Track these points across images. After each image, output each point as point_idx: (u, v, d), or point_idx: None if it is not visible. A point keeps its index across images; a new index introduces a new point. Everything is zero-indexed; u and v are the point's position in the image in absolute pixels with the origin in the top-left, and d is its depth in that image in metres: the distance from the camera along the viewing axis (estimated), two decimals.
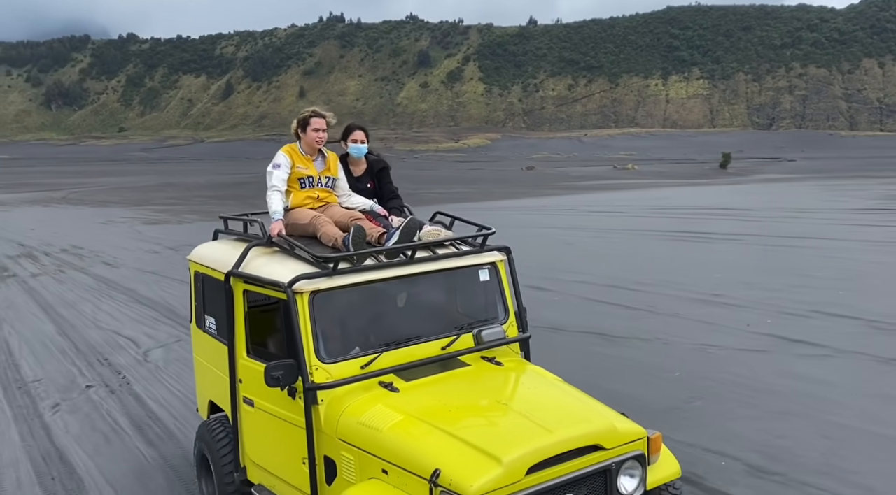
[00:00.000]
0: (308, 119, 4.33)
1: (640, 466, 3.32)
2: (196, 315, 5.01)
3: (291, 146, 4.43)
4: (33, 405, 6.95)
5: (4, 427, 6.42)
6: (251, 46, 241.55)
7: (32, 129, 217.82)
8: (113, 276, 13.87)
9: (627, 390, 6.62)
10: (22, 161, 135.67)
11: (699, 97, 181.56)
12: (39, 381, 7.67)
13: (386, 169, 4.79)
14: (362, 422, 3.36)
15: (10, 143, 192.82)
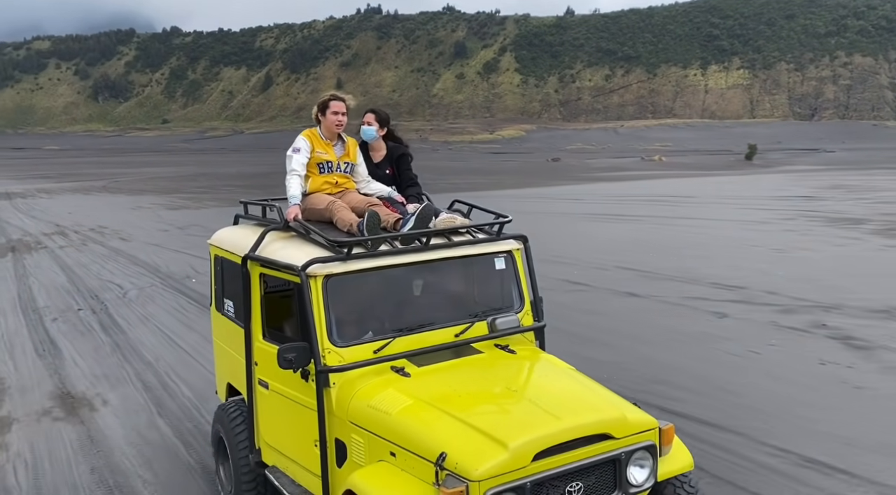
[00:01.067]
0: (328, 102, 4.35)
1: (650, 457, 3.29)
2: (215, 298, 5.09)
3: (311, 131, 4.43)
4: (40, 319, 10.25)
5: (19, 327, 9.79)
6: (290, 39, 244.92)
7: (80, 121, 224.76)
8: (123, 247, 16.79)
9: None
10: (70, 152, 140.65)
11: (739, 87, 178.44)
12: (47, 307, 10.92)
13: (405, 155, 4.73)
14: (372, 406, 3.41)
15: (59, 135, 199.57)
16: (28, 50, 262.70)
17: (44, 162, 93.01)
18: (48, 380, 7.48)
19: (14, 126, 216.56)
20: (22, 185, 42.15)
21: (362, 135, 4.61)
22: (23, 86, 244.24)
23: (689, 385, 6.75)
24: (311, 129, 4.42)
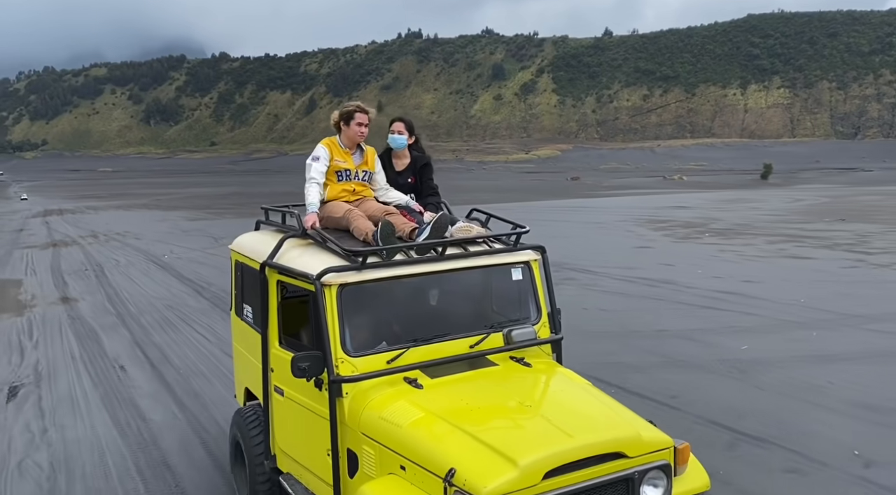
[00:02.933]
0: (353, 113, 4.39)
1: (664, 476, 3.20)
2: (235, 303, 5.13)
3: (331, 139, 4.46)
4: (61, 274, 15.54)
5: (47, 277, 15.24)
6: (333, 63, 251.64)
7: (133, 144, 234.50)
8: (132, 242, 21.81)
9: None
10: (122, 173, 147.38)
11: (779, 106, 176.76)
12: (66, 270, 16.21)
13: (428, 165, 4.74)
14: (384, 417, 3.36)
15: (112, 157, 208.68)
16: (86, 76, 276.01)
17: (97, 183, 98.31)
18: (56, 293, 13.22)
19: (71, 149, 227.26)
20: (74, 204, 45.76)
21: (391, 144, 4.63)
22: (80, 110, 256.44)
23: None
24: (331, 138, 4.46)
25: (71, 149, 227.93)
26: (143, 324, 10.23)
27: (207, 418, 6.32)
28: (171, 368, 7.84)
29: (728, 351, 7.67)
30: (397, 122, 4.60)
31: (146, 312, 11.00)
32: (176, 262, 16.85)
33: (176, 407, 6.63)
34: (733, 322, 9.01)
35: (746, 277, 12.45)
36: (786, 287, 11.32)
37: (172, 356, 8.37)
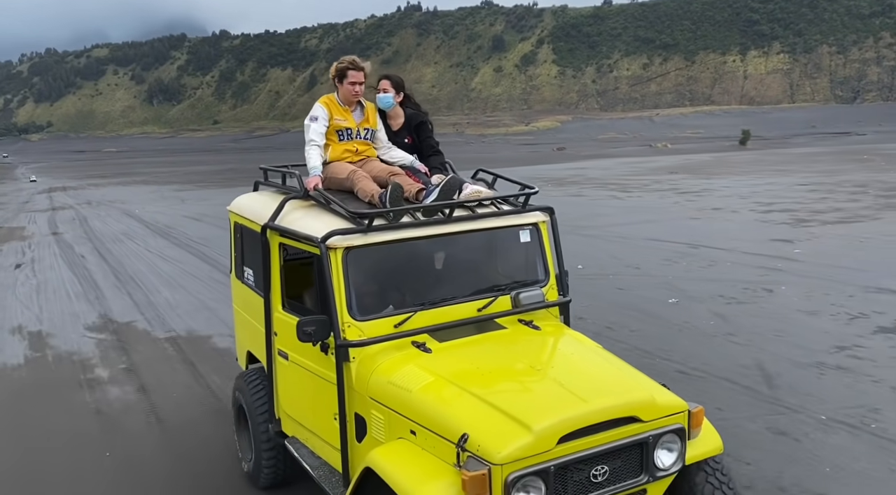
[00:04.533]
0: (345, 71, 4.19)
1: (679, 440, 3.18)
2: (235, 266, 5.06)
3: (329, 97, 4.27)
4: (56, 224, 21.39)
5: (45, 226, 21.05)
6: (333, 38, 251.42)
7: (136, 124, 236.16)
8: (118, 206, 26.61)
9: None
10: (127, 153, 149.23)
11: (779, 72, 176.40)
12: (60, 222, 21.73)
13: (425, 123, 4.57)
14: (393, 382, 3.33)
15: (117, 137, 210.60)
16: (88, 57, 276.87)
17: (102, 163, 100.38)
18: (49, 231, 19.41)
19: (76, 130, 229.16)
20: (77, 182, 47.92)
21: (378, 104, 4.42)
22: (83, 92, 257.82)
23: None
24: (329, 96, 4.28)
25: (76, 130, 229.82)
26: (103, 241, 16.84)
27: (124, 267, 13.28)
28: (113, 256, 14.56)
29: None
30: (383, 79, 4.44)
31: (108, 238, 17.46)
32: (144, 215, 22.84)
33: (108, 267, 13.41)
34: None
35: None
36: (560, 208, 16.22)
37: (115, 252, 15.12)
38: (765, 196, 21.20)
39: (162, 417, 5.99)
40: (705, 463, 3.37)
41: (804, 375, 6.32)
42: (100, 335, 8.75)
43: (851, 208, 17.96)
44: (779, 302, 8.73)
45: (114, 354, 7.88)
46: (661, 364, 6.57)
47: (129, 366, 7.41)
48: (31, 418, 6.11)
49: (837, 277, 9.91)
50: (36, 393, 6.71)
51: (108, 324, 9.29)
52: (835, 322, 7.84)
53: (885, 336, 7.33)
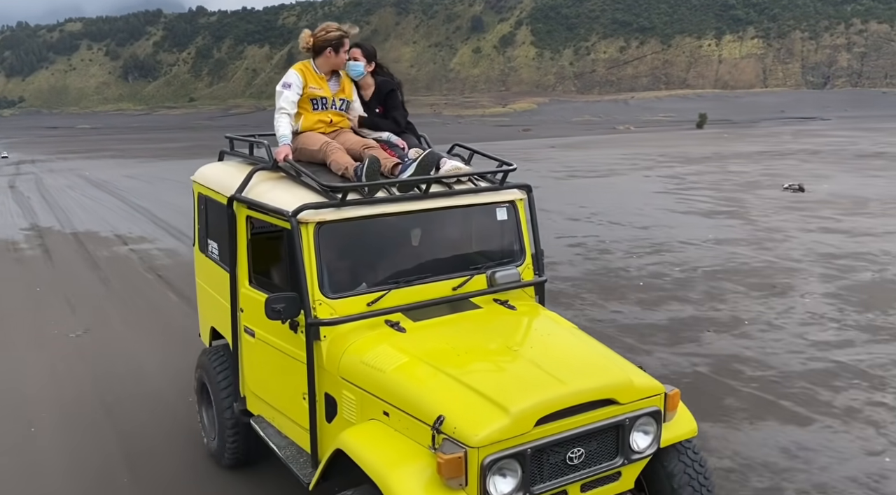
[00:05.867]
0: (342, 40, 4.02)
1: (654, 423, 3.16)
2: (199, 238, 4.89)
3: (304, 64, 4.07)
4: (15, 182, 27.65)
5: (3, 183, 27.06)
6: (311, 16, 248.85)
7: (111, 100, 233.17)
8: (76, 172, 31.44)
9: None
10: (100, 130, 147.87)
11: (753, 57, 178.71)
12: (18, 181, 28.23)
13: (395, 91, 4.37)
14: (365, 362, 3.25)
15: (91, 114, 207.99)
16: (61, 32, 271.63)
17: (75, 139, 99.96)
18: (7, 184, 25.86)
19: (49, 106, 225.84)
20: (46, 156, 48.84)
21: (349, 72, 4.20)
22: (57, 67, 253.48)
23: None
24: (304, 62, 4.09)
25: (49, 106, 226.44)
26: (49, 191, 22.86)
27: (57, 203, 19.22)
28: (52, 197, 20.68)
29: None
30: (354, 48, 4.23)
31: (54, 189, 23.62)
32: (91, 176, 28.30)
33: (45, 203, 19.79)
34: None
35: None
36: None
37: (55, 196, 21.17)
38: (581, 161, 29.01)
39: (55, 261, 12.02)
40: (680, 446, 3.39)
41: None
42: (28, 232, 15.11)
43: (620, 168, 26.26)
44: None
45: (34, 240, 14.04)
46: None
47: (41, 244, 13.57)
48: None
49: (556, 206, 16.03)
50: None
51: (35, 227, 15.79)
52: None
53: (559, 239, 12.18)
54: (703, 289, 8.95)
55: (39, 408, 5.74)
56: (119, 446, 5.08)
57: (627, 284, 9.37)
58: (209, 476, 4.62)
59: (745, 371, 6.21)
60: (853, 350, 6.71)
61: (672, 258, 10.86)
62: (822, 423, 5.23)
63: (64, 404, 5.82)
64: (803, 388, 5.85)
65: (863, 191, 18.51)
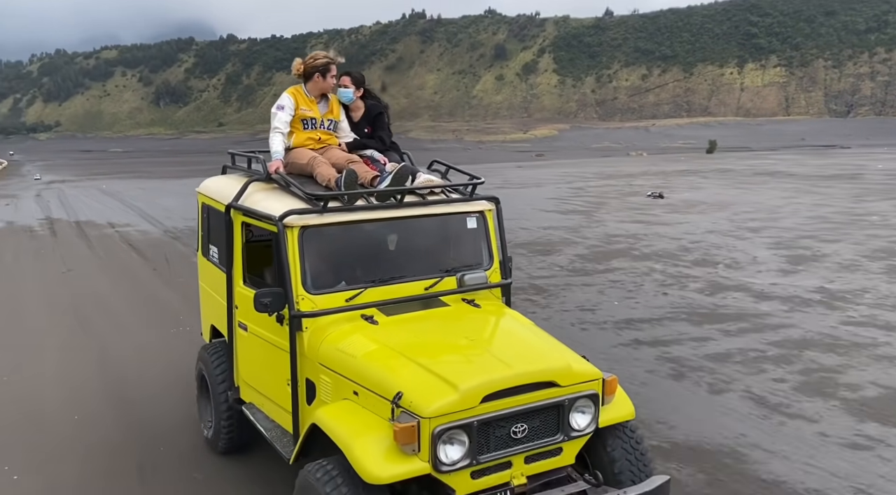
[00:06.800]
0: (329, 66, 4.45)
1: (592, 405, 3.46)
2: (202, 244, 5.33)
3: (297, 88, 4.50)
4: (41, 195, 30.60)
5: (32, 195, 30.84)
6: (339, 44, 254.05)
7: (143, 125, 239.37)
8: (97, 188, 33.98)
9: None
10: (131, 153, 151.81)
11: (775, 85, 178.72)
12: (44, 193, 31.48)
13: (382, 114, 4.84)
14: (340, 349, 3.62)
15: (123, 138, 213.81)
16: (97, 59, 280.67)
17: (106, 162, 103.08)
18: (34, 194, 30.10)
19: (84, 130, 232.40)
20: (77, 177, 51.19)
21: (339, 98, 4.69)
22: (92, 93, 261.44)
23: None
24: (297, 86, 4.53)
25: (83, 130, 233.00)
26: (67, 198, 27.49)
27: (71, 205, 24.46)
28: (67, 202, 25.57)
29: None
30: (345, 76, 4.72)
31: (71, 197, 28.36)
32: (106, 189, 32.68)
33: (61, 205, 24.62)
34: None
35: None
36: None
37: (71, 201, 26.10)
38: (525, 177, 35.50)
39: (58, 237, 17.04)
40: (619, 427, 3.71)
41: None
42: (42, 221, 20.36)
43: (546, 182, 32.16)
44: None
45: (45, 225, 19.25)
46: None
47: (50, 227, 18.76)
48: (9, 242, 16.21)
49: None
50: (10, 234, 17.64)
51: (48, 218, 20.98)
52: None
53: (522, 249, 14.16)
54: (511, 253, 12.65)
55: (37, 312, 9.84)
56: (86, 334, 8.74)
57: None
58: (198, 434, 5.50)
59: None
60: (576, 280, 11.47)
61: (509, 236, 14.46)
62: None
63: (52, 312, 9.77)
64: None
65: (708, 199, 23.16)
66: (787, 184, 29.09)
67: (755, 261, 12.99)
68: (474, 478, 3.30)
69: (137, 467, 5.14)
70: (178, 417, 5.90)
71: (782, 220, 18.09)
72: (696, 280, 11.54)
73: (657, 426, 5.69)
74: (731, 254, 13.67)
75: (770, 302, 10.04)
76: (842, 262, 12.80)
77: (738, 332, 8.50)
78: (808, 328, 8.68)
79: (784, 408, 6.14)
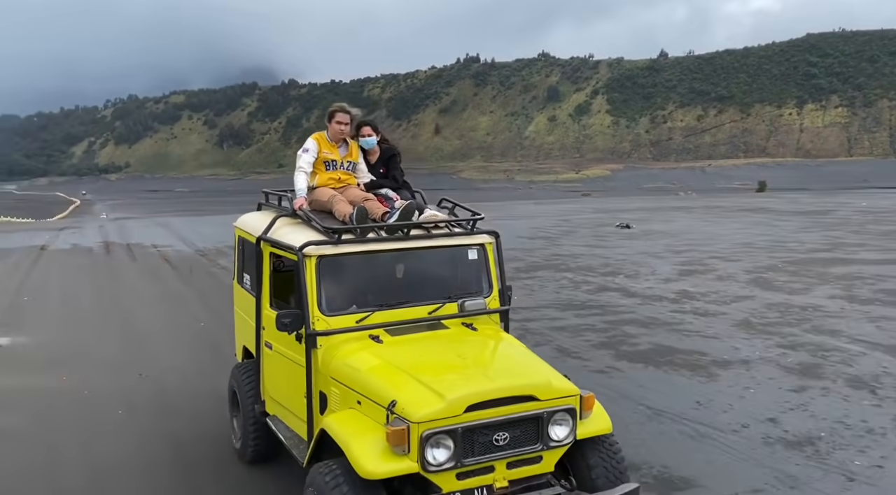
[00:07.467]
0: (333, 113, 5.02)
1: (570, 418, 3.80)
2: (237, 273, 5.83)
3: (320, 134, 5.10)
4: (104, 226, 35.75)
5: (95, 226, 36.67)
6: (395, 88, 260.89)
7: (207, 166, 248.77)
8: (155, 222, 37.55)
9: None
10: (195, 193, 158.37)
11: (836, 126, 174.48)
12: (107, 227, 34.65)
13: (395, 156, 5.41)
14: (347, 364, 4.07)
15: (188, 178, 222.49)
16: (166, 103, 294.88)
17: (170, 201, 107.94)
18: (97, 225, 35.21)
19: (152, 171, 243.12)
20: (140, 215, 54.06)
21: (364, 145, 5.28)
22: (160, 135, 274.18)
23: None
24: (321, 133, 5.12)
25: (151, 171, 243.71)
26: (124, 228, 31.72)
27: (126, 232, 29.49)
28: (124, 231, 30.03)
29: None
30: (365, 126, 5.28)
31: (127, 228, 32.16)
32: (158, 220, 37.83)
33: (118, 233, 28.79)
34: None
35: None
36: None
37: (127, 231, 29.89)
38: (530, 211, 39.57)
39: (110, 254, 21.55)
40: (597, 439, 4.03)
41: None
42: (99, 243, 24.76)
43: (542, 214, 36.06)
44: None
45: (102, 246, 23.62)
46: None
47: (105, 247, 23.23)
48: (74, 257, 20.80)
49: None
50: (75, 251, 22.46)
51: (105, 241, 25.42)
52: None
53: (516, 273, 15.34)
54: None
55: (89, 297, 13.81)
56: (118, 308, 12.68)
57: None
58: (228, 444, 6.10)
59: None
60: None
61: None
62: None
63: (100, 297, 13.77)
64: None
65: (668, 229, 25.61)
66: (754, 218, 31.04)
67: (652, 273, 15.35)
68: (459, 479, 3.66)
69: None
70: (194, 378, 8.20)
71: (710, 246, 20.17)
72: (591, 284, 14.03)
73: None
74: (637, 268, 16.08)
75: (633, 298, 12.46)
76: (721, 275, 14.99)
77: (587, 315, 11.16)
78: (642, 313, 11.22)
79: (574, 355, 8.77)
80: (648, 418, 6.63)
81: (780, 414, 6.75)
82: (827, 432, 6.32)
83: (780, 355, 8.79)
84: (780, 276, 14.67)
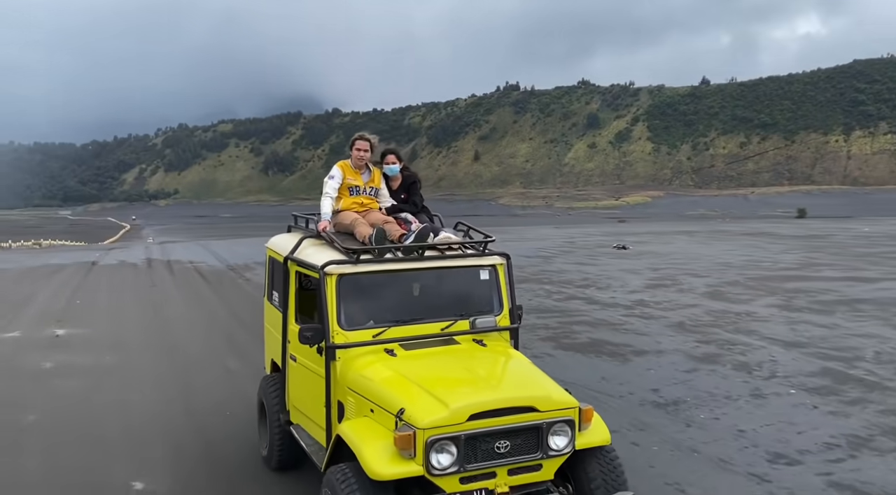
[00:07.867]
0: (354, 141, 5.42)
1: (569, 429, 4.00)
2: (267, 290, 6.17)
3: (345, 162, 5.46)
4: (151, 247, 38.90)
5: (142, 247, 41.07)
6: (435, 116, 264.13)
7: (253, 192, 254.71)
8: (197, 244, 40.84)
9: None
10: (240, 218, 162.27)
11: (886, 153, 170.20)
12: (153, 247, 38.47)
13: (415, 182, 5.75)
14: (363, 375, 4.34)
15: (234, 204, 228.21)
16: (214, 132, 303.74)
17: (215, 226, 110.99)
18: (145, 245, 41.60)
19: (199, 197, 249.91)
20: (186, 238, 56.18)
21: (387, 172, 5.65)
22: (208, 163, 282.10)
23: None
24: (345, 161, 5.48)
25: (199, 197, 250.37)
26: (167, 250, 34.02)
27: (168, 252, 33.14)
28: (166, 251, 33.56)
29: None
30: (389, 154, 5.69)
31: (170, 248, 36.09)
32: (200, 242, 40.57)
33: (162, 253, 32.46)
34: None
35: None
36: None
37: (168, 250, 33.45)
38: (543, 234, 40.40)
39: (152, 268, 24.69)
40: (596, 449, 4.22)
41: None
42: (143, 260, 28.01)
43: (553, 237, 37.43)
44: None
45: (145, 263, 26.87)
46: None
47: (148, 264, 26.26)
48: (120, 270, 24.43)
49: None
50: (121, 266, 26.04)
51: (148, 259, 28.48)
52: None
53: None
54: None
55: (131, 305, 15.87)
56: (156, 313, 14.77)
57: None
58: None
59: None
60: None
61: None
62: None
63: (141, 305, 15.84)
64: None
65: (661, 250, 26.50)
66: (749, 240, 32.27)
67: (622, 286, 16.45)
68: (462, 484, 3.92)
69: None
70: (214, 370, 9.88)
71: (689, 265, 21.13)
72: (563, 294, 15.10)
73: None
74: (610, 282, 17.24)
75: (594, 305, 13.60)
76: (682, 288, 15.86)
77: (547, 317, 12.19)
78: (595, 316, 12.32)
79: (523, 347, 9.90)
80: None
81: (664, 387, 8.10)
82: (692, 398, 7.65)
83: (693, 348, 10.09)
84: (735, 290, 15.66)
